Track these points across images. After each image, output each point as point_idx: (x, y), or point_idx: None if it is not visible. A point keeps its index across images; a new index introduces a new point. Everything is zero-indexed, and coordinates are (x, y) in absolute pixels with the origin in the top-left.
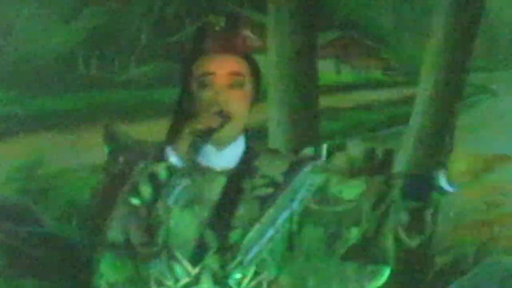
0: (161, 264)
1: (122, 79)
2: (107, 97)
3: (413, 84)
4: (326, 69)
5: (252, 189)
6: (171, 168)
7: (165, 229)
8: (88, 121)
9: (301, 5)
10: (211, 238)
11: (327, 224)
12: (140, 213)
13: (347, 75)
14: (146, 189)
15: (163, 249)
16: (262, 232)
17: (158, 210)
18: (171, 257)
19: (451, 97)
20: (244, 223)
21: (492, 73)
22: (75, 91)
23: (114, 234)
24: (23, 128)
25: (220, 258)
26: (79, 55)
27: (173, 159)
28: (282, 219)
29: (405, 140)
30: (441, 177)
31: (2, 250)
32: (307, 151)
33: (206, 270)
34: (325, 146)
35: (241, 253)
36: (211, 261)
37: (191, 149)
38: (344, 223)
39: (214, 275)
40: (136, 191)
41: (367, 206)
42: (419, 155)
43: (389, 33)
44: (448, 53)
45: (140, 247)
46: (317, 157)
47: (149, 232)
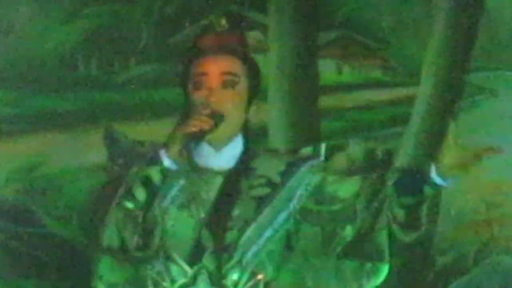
0: (158, 265)
1: (122, 79)
2: (107, 97)
3: (413, 84)
4: (327, 69)
5: (249, 189)
6: (164, 171)
7: (160, 231)
8: (89, 121)
9: (301, 5)
10: (207, 239)
11: (323, 223)
12: (135, 217)
13: (347, 75)
14: (140, 193)
15: (159, 251)
16: (259, 232)
17: (154, 213)
18: (167, 258)
19: (452, 97)
20: (240, 223)
21: (492, 73)
22: (75, 91)
23: (109, 238)
24: (23, 129)
25: (217, 258)
26: (79, 55)
27: (167, 162)
28: (280, 219)
29: (405, 140)
30: (432, 171)
31: (2, 250)
32: (306, 150)
33: (203, 271)
34: (323, 145)
35: (237, 253)
36: (208, 261)
37: (182, 151)
38: (339, 221)
39: (210, 276)
40: (130, 195)
41: (361, 204)
42: (419, 155)
43: (390, 33)
44: (448, 53)
45: (135, 251)
46: (315, 156)
47: (144, 236)
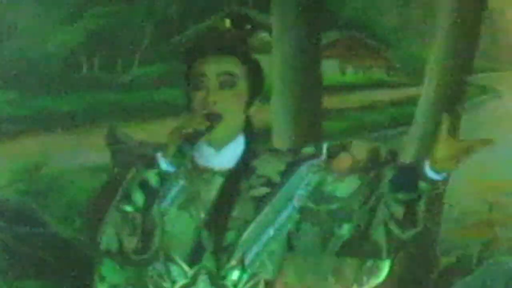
0: (158, 266)
1: (125, 80)
2: (109, 97)
3: (416, 85)
4: (330, 69)
5: (249, 189)
6: (162, 174)
7: (160, 233)
8: (91, 121)
9: (305, 6)
10: (207, 239)
11: (322, 223)
12: (134, 220)
13: (350, 75)
14: (138, 196)
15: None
16: (258, 232)
17: (153, 216)
18: (168, 259)
19: (455, 98)
20: (240, 223)
21: (495, 74)
22: (77, 91)
23: (107, 241)
24: (25, 129)
25: (216, 259)
26: (82, 55)
27: (163, 164)
28: (280, 219)
29: (408, 140)
30: (426, 166)
31: (4, 250)
32: (307, 150)
33: (203, 271)
34: (325, 145)
35: (237, 253)
36: (208, 262)
37: (177, 153)
38: (337, 220)
39: (210, 276)
40: (128, 198)
41: (358, 202)
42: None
43: (393, 33)
44: (451, 54)
45: (133, 254)
46: (317, 156)
47: (143, 238)
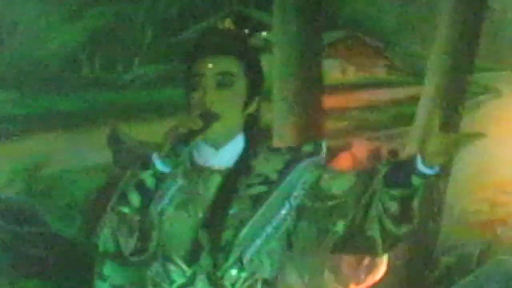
0: (157, 265)
1: (125, 80)
2: (110, 97)
3: (417, 84)
4: (331, 68)
5: (246, 187)
6: (157, 175)
7: (158, 233)
8: (92, 121)
9: (306, 5)
10: (204, 238)
11: (319, 220)
12: (131, 221)
13: (351, 75)
14: (134, 197)
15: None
16: (255, 230)
17: (151, 216)
18: (166, 258)
19: (456, 97)
20: (237, 222)
21: (496, 73)
22: (78, 91)
23: (104, 243)
24: (26, 129)
25: (214, 258)
26: (82, 55)
27: (159, 165)
28: (277, 217)
29: (409, 140)
30: (418, 160)
31: (5, 250)
32: (307, 148)
33: (201, 271)
34: (324, 142)
35: (235, 252)
36: (205, 261)
37: (170, 152)
38: (332, 217)
39: (208, 276)
40: (125, 199)
41: (353, 198)
42: None
43: (394, 33)
44: (452, 53)
45: (131, 255)
46: (316, 153)
47: (141, 239)
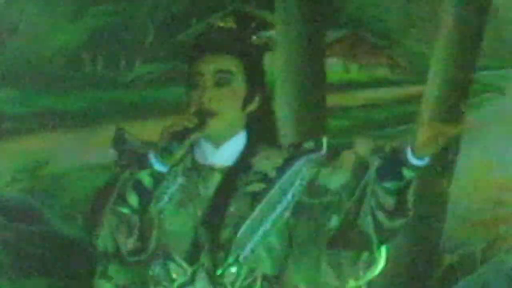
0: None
1: (128, 78)
2: (113, 96)
3: (420, 83)
4: (334, 67)
5: (245, 185)
6: (154, 174)
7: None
8: (94, 120)
9: (308, 4)
10: (204, 237)
11: (317, 216)
12: (130, 221)
13: (354, 73)
14: (132, 197)
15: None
16: (254, 227)
17: (150, 216)
18: (167, 257)
19: (459, 95)
20: (236, 220)
21: (500, 71)
22: (81, 90)
23: (104, 243)
24: (28, 128)
25: (213, 256)
26: (85, 54)
27: (156, 164)
28: (275, 214)
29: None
30: (408, 152)
31: (7, 249)
32: (308, 144)
33: (201, 269)
34: (325, 139)
35: (234, 250)
36: (205, 259)
37: (164, 152)
38: (328, 213)
39: (208, 274)
40: (123, 200)
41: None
42: None
43: (397, 31)
44: (455, 51)
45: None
46: (317, 150)
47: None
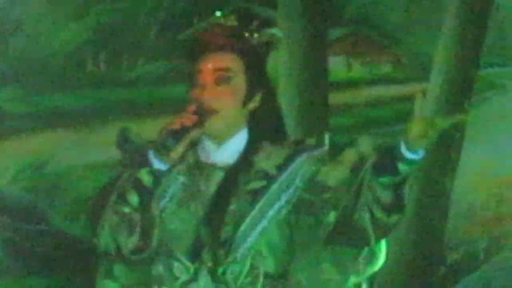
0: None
1: (130, 77)
2: (115, 94)
3: (423, 80)
4: (336, 65)
5: (246, 183)
6: (154, 173)
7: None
8: (97, 119)
9: (311, 2)
10: (205, 234)
11: (317, 213)
12: (131, 220)
13: (357, 71)
14: (132, 197)
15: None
16: (255, 224)
17: (152, 215)
18: (169, 256)
19: (462, 93)
20: (236, 217)
21: (502, 69)
22: (83, 89)
23: (105, 243)
24: (31, 126)
25: (215, 254)
26: (87, 52)
27: (155, 163)
28: (274, 211)
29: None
30: (401, 146)
31: (9, 248)
32: (309, 141)
33: (203, 267)
34: (327, 135)
35: (235, 247)
36: (207, 257)
37: (162, 150)
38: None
39: (210, 271)
40: (123, 199)
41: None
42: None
43: (400, 29)
44: (458, 49)
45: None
46: (319, 146)
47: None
